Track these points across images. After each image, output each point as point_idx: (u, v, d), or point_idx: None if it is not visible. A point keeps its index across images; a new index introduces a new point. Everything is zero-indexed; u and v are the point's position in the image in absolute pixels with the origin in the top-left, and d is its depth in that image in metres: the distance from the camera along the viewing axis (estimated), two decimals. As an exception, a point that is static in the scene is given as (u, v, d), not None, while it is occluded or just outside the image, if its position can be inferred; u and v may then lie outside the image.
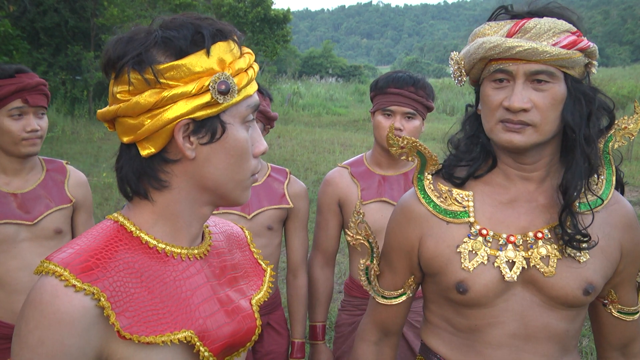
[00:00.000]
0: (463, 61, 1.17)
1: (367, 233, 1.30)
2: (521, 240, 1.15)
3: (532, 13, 1.10)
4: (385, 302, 1.31)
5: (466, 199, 1.19)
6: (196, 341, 0.86)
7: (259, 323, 0.99)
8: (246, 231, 1.13)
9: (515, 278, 1.13)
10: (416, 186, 1.24)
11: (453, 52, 1.21)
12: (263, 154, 0.93)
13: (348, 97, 21.92)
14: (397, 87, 1.88)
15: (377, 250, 1.32)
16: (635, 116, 1.19)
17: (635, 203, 6.82)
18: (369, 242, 1.31)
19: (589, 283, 1.12)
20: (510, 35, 1.09)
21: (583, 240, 1.11)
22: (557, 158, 1.18)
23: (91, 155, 9.19)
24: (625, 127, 1.19)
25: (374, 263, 1.31)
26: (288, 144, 10.95)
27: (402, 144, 1.23)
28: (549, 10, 1.11)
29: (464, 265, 1.14)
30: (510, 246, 1.15)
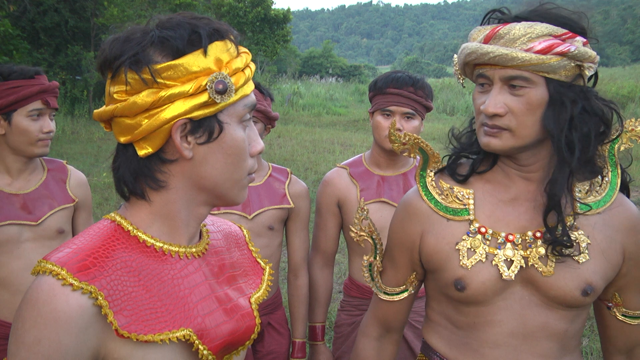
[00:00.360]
0: (457, 65, 1.19)
1: (371, 230, 1.31)
2: (520, 239, 1.15)
3: (520, 17, 1.09)
4: (387, 299, 1.32)
5: (467, 197, 1.20)
6: (195, 339, 0.86)
7: (258, 321, 0.99)
8: (244, 230, 1.12)
9: (512, 277, 1.13)
10: (418, 183, 1.25)
11: (455, 55, 1.22)
12: (260, 154, 0.93)
13: (348, 97, 21.91)
14: (397, 87, 1.88)
15: (381, 246, 1.33)
16: None
17: (636, 203, 6.82)
18: (373, 239, 1.32)
19: (588, 284, 1.12)
20: (486, 40, 1.09)
21: (566, 245, 1.10)
22: (557, 159, 1.17)
23: (91, 155, 9.19)
24: (632, 130, 1.18)
25: (377, 260, 1.32)
26: (288, 144, 10.94)
27: (404, 140, 1.25)
28: (538, 13, 1.08)
29: (462, 262, 1.15)
30: (508, 245, 1.15)
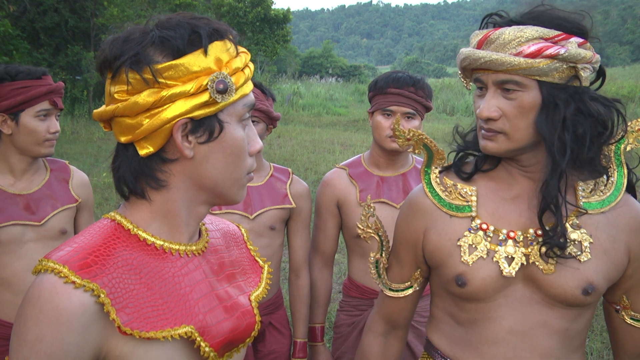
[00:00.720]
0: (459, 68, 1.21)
1: (377, 226, 1.32)
2: (522, 236, 1.16)
3: (515, 21, 1.08)
4: (392, 295, 1.34)
5: (470, 194, 1.20)
6: (197, 336, 0.86)
7: (259, 319, 0.99)
8: (242, 229, 1.13)
9: (513, 273, 1.13)
10: (423, 179, 1.26)
11: None
12: (258, 152, 0.94)
13: (348, 97, 21.90)
14: (397, 87, 1.88)
15: (387, 244, 1.34)
16: None
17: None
18: (379, 236, 1.33)
19: (589, 283, 1.11)
20: (479, 45, 1.10)
21: (561, 246, 1.10)
22: (550, 161, 1.17)
23: (91, 155, 9.19)
24: (638, 130, 1.18)
25: (383, 256, 1.33)
26: (288, 144, 10.95)
27: (409, 136, 1.25)
28: (532, 16, 1.08)
29: (464, 258, 1.16)
30: (510, 242, 1.15)
